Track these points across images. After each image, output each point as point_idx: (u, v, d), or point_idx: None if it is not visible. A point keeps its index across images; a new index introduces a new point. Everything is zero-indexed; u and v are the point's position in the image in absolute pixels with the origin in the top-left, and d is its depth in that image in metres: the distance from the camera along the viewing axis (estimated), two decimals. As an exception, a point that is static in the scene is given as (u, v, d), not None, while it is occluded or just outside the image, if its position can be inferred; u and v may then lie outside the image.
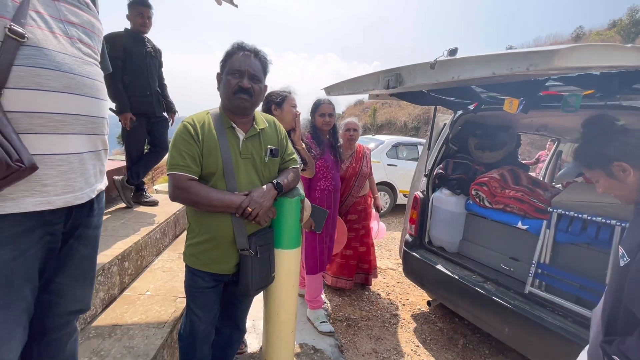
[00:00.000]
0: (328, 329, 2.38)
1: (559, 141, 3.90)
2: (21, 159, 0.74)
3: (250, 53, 1.27)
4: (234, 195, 1.23)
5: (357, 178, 2.80)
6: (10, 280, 0.82)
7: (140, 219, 2.60)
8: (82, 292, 1.07)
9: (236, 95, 1.24)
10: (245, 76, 1.23)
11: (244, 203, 1.21)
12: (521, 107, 1.77)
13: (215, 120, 1.27)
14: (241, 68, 1.23)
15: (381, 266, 3.82)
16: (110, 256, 1.92)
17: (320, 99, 2.24)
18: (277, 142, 1.40)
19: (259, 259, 1.32)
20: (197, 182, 1.22)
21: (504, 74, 1.01)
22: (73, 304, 1.05)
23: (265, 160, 1.34)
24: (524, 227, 2.07)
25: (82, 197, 0.93)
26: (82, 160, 0.92)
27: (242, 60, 1.24)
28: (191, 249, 1.33)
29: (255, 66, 1.27)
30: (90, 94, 0.91)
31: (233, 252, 1.31)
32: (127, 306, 1.90)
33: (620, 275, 0.91)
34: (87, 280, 1.07)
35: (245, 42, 1.30)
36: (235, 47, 1.28)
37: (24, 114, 0.78)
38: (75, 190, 0.91)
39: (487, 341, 2.50)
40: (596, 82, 1.37)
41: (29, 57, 0.78)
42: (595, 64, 0.94)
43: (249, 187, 1.29)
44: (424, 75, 1.31)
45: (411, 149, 6.52)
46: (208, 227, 1.27)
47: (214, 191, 1.22)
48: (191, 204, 1.23)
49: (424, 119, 15.80)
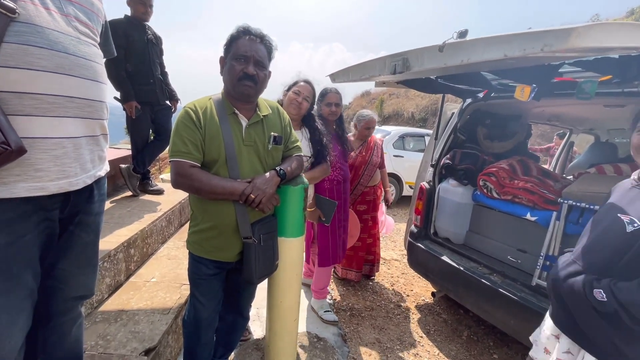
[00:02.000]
0: (332, 318, 2.39)
1: (571, 132, 3.79)
2: (7, 140, 0.71)
3: (256, 38, 1.23)
4: (236, 182, 1.21)
5: (367, 167, 2.77)
6: (8, 266, 0.81)
7: (146, 207, 2.62)
8: (85, 278, 1.07)
9: (240, 82, 1.21)
10: (250, 62, 1.20)
11: (247, 190, 1.19)
12: (533, 95, 1.71)
13: (217, 106, 1.24)
14: (247, 53, 1.19)
15: (386, 257, 3.80)
16: (116, 243, 1.94)
17: (326, 88, 2.18)
18: (280, 129, 1.37)
19: (262, 247, 1.31)
20: (200, 169, 1.20)
21: (516, 56, 0.96)
22: (76, 290, 1.06)
23: (269, 148, 1.32)
24: (533, 218, 2.03)
25: (77, 183, 0.91)
26: (77, 145, 0.89)
27: (247, 45, 1.19)
28: (194, 237, 1.32)
29: (261, 52, 1.23)
30: (86, 75, 0.88)
31: (236, 239, 1.30)
32: (132, 292, 1.92)
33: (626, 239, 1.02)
34: (90, 266, 1.07)
35: (251, 25, 1.25)
36: (241, 30, 1.23)
37: (14, 94, 0.76)
38: (70, 175, 0.89)
39: (492, 333, 2.48)
40: (614, 67, 1.30)
41: (20, 33, 0.75)
42: (615, 45, 0.88)
43: (252, 174, 1.27)
44: (432, 59, 1.26)
45: (418, 140, 6.44)
46: (211, 215, 1.26)
47: (217, 178, 1.20)
48: (193, 191, 1.22)
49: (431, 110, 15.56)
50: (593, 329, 1.07)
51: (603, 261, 1.09)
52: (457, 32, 1.17)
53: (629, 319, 0.97)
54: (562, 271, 1.19)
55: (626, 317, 0.97)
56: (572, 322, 1.14)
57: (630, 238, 1.02)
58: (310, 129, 1.81)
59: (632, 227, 1.03)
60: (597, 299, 1.02)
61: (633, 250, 1.01)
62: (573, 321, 1.14)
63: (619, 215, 1.09)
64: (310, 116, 1.85)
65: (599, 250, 1.11)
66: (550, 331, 1.27)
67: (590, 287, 1.05)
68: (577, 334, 1.13)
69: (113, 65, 2.51)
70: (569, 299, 1.14)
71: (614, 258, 1.06)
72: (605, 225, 1.15)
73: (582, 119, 2.99)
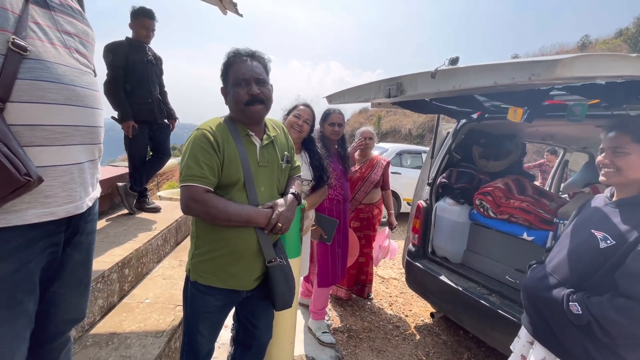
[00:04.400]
0: (330, 340, 2.34)
1: (565, 150, 3.84)
2: (29, 172, 0.74)
3: (247, 57, 1.22)
4: (254, 210, 1.17)
5: (364, 183, 2.78)
6: (13, 293, 0.81)
7: (141, 226, 2.60)
8: (77, 299, 1.05)
9: (249, 107, 1.19)
10: (251, 83, 1.18)
11: (274, 219, 1.17)
12: (525, 116, 1.75)
13: (230, 128, 1.21)
14: (245, 76, 1.18)
15: (384, 276, 3.76)
16: (110, 263, 1.92)
17: (330, 109, 2.24)
18: (287, 148, 1.38)
19: (287, 267, 1.29)
20: (215, 195, 1.15)
21: (505, 83, 0.99)
22: (68, 313, 1.04)
23: (283, 167, 1.31)
24: (529, 238, 2.03)
25: (82, 207, 0.94)
26: (81, 169, 0.92)
27: (242, 67, 1.19)
28: (204, 265, 1.22)
29: (257, 69, 1.21)
30: (89, 104, 0.92)
31: (257, 264, 1.24)
32: (125, 314, 1.88)
33: (600, 255, 1.10)
34: (82, 287, 1.06)
35: (239, 47, 1.25)
36: (231, 56, 1.23)
37: (26, 127, 0.79)
38: (76, 199, 0.91)
39: (493, 355, 2.43)
40: (601, 92, 1.35)
41: (32, 70, 0.79)
42: (598, 74, 0.92)
43: (268, 196, 1.25)
44: (425, 85, 1.30)
45: (415, 157, 6.49)
46: (228, 240, 1.18)
47: (233, 205, 1.15)
48: (208, 218, 1.15)
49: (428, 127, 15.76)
50: (569, 338, 1.13)
51: (578, 275, 1.15)
52: (448, 59, 1.21)
53: (600, 331, 1.04)
54: (539, 283, 1.26)
55: (598, 330, 1.04)
56: (549, 332, 1.21)
57: (604, 254, 1.09)
58: (310, 153, 1.83)
59: (605, 243, 1.10)
60: (572, 312, 1.09)
61: (606, 265, 1.08)
62: (549, 331, 1.21)
63: (592, 232, 1.15)
64: (311, 139, 1.87)
65: (574, 264, 1.17)
66: (525, 339, 1.36)
67: (567, 300, 1.11)
68: (553, 343, 1.20)
69: (112, 86, 2.56)
70: (547, 311, 1.21)
71: (588, 272, 1.13)
72: (579, 240, 1.21)
73: (576, 138, 3.05)
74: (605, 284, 1.09)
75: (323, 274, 2.37)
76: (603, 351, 1.07)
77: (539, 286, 1.26)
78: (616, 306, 1.02)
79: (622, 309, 1.01)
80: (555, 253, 1.29)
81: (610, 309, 1.02)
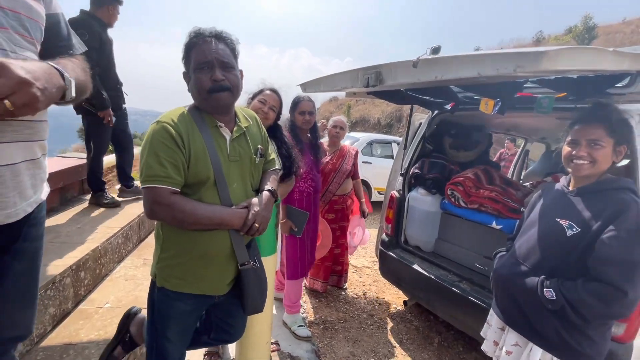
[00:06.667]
0: (305, 334, 2.31)
1: (526, 141, 4.05)
2: None
3: (211, 38, 1.06)
4: (227, 211, 1.07)
5: (336, 174, 2.74)
6: None
7: (98, 223, 2.38)
8: (20, 314, 0.91)
9: (212, 95, 1.05)
10: (215, 67, 1.04)
11: (250, 220, 1.07)
12: (497, 108, 1.78)
13: (196, 119, 1.08)
14: (207, 58, 1.04)
15: (357, 264, 3.80)
16: (62, 267, 1.73)
17: (299, 96, 2.12)
18: (261, 141, 1.26)
19: (260, 270, 1.20)
20: (182, 196, 1.03)
21: (489, 75, 0.97)
22: (10, 330, 0.90)
23: (256, 162, 1.21)
24: (498, 227, 2.10)
25: (17, 214, 0.79)
26: (15, 172, 0.77)
27: (205, 49, 1.04)
28: (172, 270, 1.11)
29: (222, 51, 1.06)
30: None
31: (230, 267, 1.15)
32: (82, 322, 1.72)
33: (567, 242, 1.16)
34: (26, 300, 0.92)
35: (202, 27, 1.10)
36: (193, 36, 1.07)
37: None
38: (9, 206, 0.76)
39: (461, 338, 2.55)
40: (571, 85, 1.38)
41: None
42: (579, 67, 0.92)
43: (241, 194, 1.14)
44: (405, 74, 1.26)
45: (385, 146, 6.58)
46: (199, 243, 1.08)
47: (202, 206, 1.04)
48: (175, 222, 1.03)
49: (396, 117, 16.09)
50: (542, 322, 1.20)
51: (548, 262, 1.21)
52: (430, 48, 1.17)
53: (573, 313, 1.11)
54: (509, 271, 1.32)
55: (571, 313, 1.11)
56: (521, 318, 1.26)
57: (571, 241, 1.16)
58: (277, 141, 1.72)
59: (571, 231, 1.16)
60: (547, 298, 1.15)
61: (576, 252, 1.15)
62: (522, 316, 1.26)
63: (557, 220, 1.21)
64: (277, 127, 1.75)
65: (543, 252, 1.23)
66: (496, 325, 1.42)
67: (542, 286, 1.17)
68: (525, 328, 1.26)
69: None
70: (521, 297, 1.26)
71: (558, 259, 1.19)
72: (545, 229, 1.26)
73: (537, 129, 3.20)
74: (576, 269, 1.15)
75: (292, 266, 2.33)
76: (573, 332, 1.15)
77: (512, 273, 1.31)
78: (590, 290, 1.07)
79: (595, 293, 1.07)
80: (523, 241, 1.34)
81: (584, 293, 1.08)
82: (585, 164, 1.15)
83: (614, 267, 1.05)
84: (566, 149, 1.23)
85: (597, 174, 1.19)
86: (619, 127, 1.15)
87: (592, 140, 1.14)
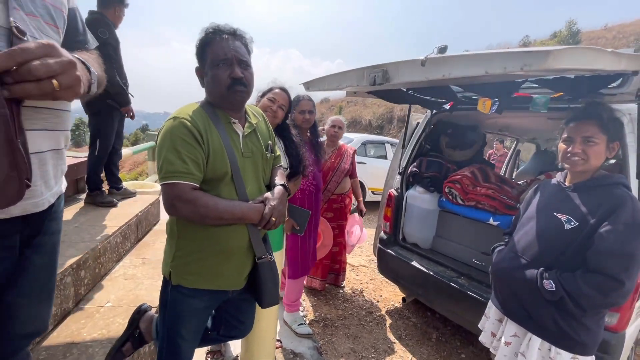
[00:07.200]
0: (306, 331, 2.33)
1: (518, 141, 4.16)
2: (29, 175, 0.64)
3: (229, 36, 1.08)
4: (246, 206, 1.08)
5: (335, 173, 2.77)
6: None
7: (97, 222, 2.35)
8: (37, 309, 0.90)
9: (232, 90, 1.06)
10: (234, 64, 1.06)
11: (267, 214, 1.09)
12: (495, 108, 1.84)
13: (211, 115, 1.09)
14: (227, 56, 1.05)
15: (354, 263, 3.83)
16: (62, 266, 1.70)
17: (299, 95, 2.14)
18: (269, 137, 1.28)
19: (274, 263, 1.22)
20: (203, 192, 1.04)
21: (497, 73, 1.01)
22: (28, 325, 0.89)
23: (267, 157, 1.23)
24: (495, 223, 2.16)
25: (43, 204, 0.79)
26: (42, 160, 0.77)
27: (224, 46, 1.06)
28: (188, 267, 1.11)
29: (240, 49, 1.09)
30: None
31: (247, 261, 1.17)
32: (84, 321, 1.69)
33: (566, 236, 1.21)
34: (44, 294, 0.91)
35: (219, 23, 1.11)
36: (210, 32, 1.08)
37: None
38: (36, 195, 0.76)
39: (458, 333, 2.60)
40: (568, 85, 1.44)
41: None
42: (581, 66, 0.97)
43: (256, 189, 1.16)
44: (412, 73, 1.29)
45: (379, 147, 6.64)
46: (218, 239, 1.09)
47: (223, 202, 1.05)
48: (197, 217, 1.03)
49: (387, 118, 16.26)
50: (540, 313, 1.24)
51: (548, 255, 1.26)
52: (437, 48, 1.21)
53: (572, 304, 1.16)
54: (511, 264, 1.36)
55: (569, 303, 1.16)
56: (520, 309, 1.31)
57: (570, 235, 1.21)
58: (285, 140, 1.74)
59: (569, 225, 1.22)
60: (546, 289, 1.20)
61: (574, 245, 1.20)
62: (521, 308, 1.31)
63: (555, 215, 1.27)
64: (286, 126, 1.77)
65: (543, 246, 1.28)
66: (494, 317, 1.47)
67: (541, 278, 1.22)
68: (524, 318, 1.31)
69: (111, 65, 2.43)
70: (520, 289, 1.30)
71: (557, 252, 1.24)
72: (544, 223, 1.30)
73: (528, 129, 3.30)
74: (574, 261, 1.20)
75: (294, 265, 2.34)
76: (571, 321, 1.20)
77: (511, 267, 1.35)
78: (588, 281, 1.12)
79: (593, 284, 1.12)
80: (521, 235, 1.38)
81: (583, 284, 1.13)
82: (580, 160, 1.21)
83: (611, 259, 1.10)
84: (562, 146, 1.29)
85: (592, 169, 1.24)
86: (611, 124, 1.21)
87: (586, 137, 1.20)
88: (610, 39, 17.90)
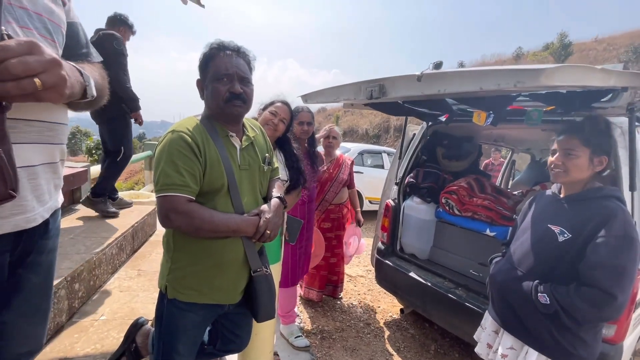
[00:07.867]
0: (304, 344, 2.30)
1: (513, 151, 4.21)
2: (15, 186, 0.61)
3: (232, 52, 1.12)
4: (241, 219, 1.09)
5: (333, 183, 2.78)
6: None
7: (92, 233, 2.33)
8: (32, 329, 0.89)
9: (229, 104, 1.09)
10: (234, 80, 1.09)
11: (262, 227, 1.09)
12: (490, 120, 1.87)
13: (209, 129, 1.11)
14: (229, 71, 1.09)
15: (351, 274, 3.81)
16: (57, 278, 1.68)
17: (298, 107, 2.17)
18: (267, 150, 1.30)
19: (270, 277, 1.21)
20: (199, 204, 1.05)
21: (490, 89, 1.04)
22: (21, 346, 0.87)
23: (264, 170, 1.24)
24: (492, 234, 2.17)
25: (35, 219, 0.78)
26: (33, 174, 0.76)
27: (227, 62, 1.10)
28: (184, 281, 1.11)
29: (242, 66, 1.12)
30: None
31: (243, 274, 1.17)
32: (77, 335, 1.66)
33: (559, 248, 1.21)
34: (39, 314, 0.90)
35: (224, 39, 1.15)
36: (214, 47, 1.12)
37: None
38: (27, 210, 0.75)
39: (457, 345, 2.58)
40: (560, 100, 1.47)
41: None
42: (572, 83, 1.00)
43: (252, 201, 1.17)
44: (408, 88, 1.32)
45: (375, 157, 6.68)
46: (213, 252, 1.09)
47: (218, 214, 1.06)
48: (192, 230, 1.04)
49: (384, 128, 16.39)
50: (536, 325, 1.24)
51: (542, 267, 1.26)
52: (432, 64, 1.24)
53: (566, 317, 1.16)
54: (507, 276, 1.36)
55: (564, 316, 1.16)
56: (516, 321, 1.31)
57: (563, 246, 1.21)
58: (285, 153, 1.75)
59: (562, 237, 1.21)
60: (541, 302, 1.19)
61: (567, 257, 1.20)
62: (517, 320, 1.30)
63: (549, 226, 1.26)
64: (286, 139, 1.79)
65: (537, 257, 1.28)
66: (490, 328, 1.46)
67: (536, 291, 1.21)
68: (520, 331, 1.30)
69: (124, 75, 2.54)
70: (516, 301, 1.30)
71: (551, 264, 1.24)
72: (538, 235, 1.31)
73: (523, 140, 3.35)
74: (568, 274, 1.21)
75: (284, 274, 2.32)
76: (566, 334, 1.20)
77: (508, 278, 1.36)
78: (581, 295, 1.13)
79: (586, 297, 1.12)
80: (517, 246, 1.39)
81: (575, 297, 1.13)
82: (560, 172, 1.23)
83: (603, 272, 1.10)
84: (550, 159, 1.31)
85: (576, 181, 1.25)
86: (593, 137, 1.22)
87: (566, 150, 1.22)
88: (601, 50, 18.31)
